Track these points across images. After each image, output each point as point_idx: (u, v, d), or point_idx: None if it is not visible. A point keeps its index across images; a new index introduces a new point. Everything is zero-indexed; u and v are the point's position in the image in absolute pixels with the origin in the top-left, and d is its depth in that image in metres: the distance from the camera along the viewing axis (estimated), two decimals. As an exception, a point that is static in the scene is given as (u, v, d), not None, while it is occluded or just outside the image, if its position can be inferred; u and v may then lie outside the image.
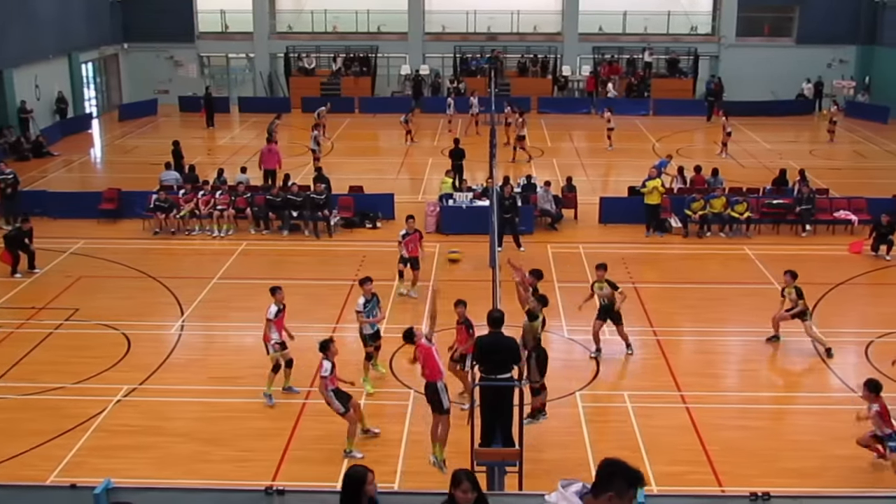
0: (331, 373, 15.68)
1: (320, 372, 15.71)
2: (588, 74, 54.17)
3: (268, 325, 17.79)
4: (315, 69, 55.07)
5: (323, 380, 15.64)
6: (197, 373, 19.00)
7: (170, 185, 31.17)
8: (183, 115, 51.65)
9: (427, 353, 14.99)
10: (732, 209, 28.59)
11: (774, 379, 19.17)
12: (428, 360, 14.99)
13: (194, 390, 18.21)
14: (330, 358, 15.78)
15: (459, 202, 29.22)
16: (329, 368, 15.65)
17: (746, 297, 23.18)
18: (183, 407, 17.62)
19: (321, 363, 15.80)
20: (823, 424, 16.94)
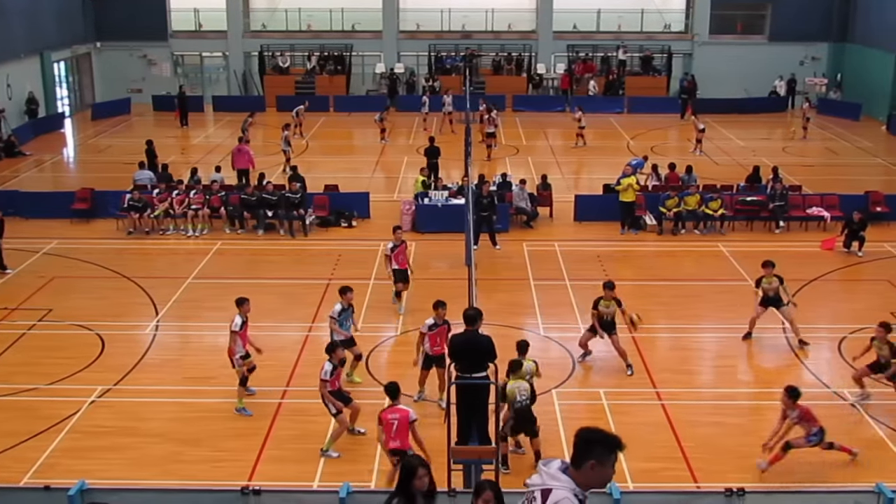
0: (331, 375, 15.65)
1: (320, 374, 15.65)
2: (563, 72, 54.24)
3: (232, 338, 17.31)
4: (289, 68, 54.90)
5: (323, 382, 15.60)
6: (172, 373, 18.92)
7: (144, 184, 30.99)
8: (156, 114, 51.38)
9: (404, 418, 14.00)
10: (707, 206, 28.72)
11: (749, 375, 19.25)
12: (403, 425, 13.96)
13: (169, 391, 18.14)
14: (333, 360, 15.75)
15: (435, 200, 29.22)
16: (329, 371, 15.62)
17: (721, 294, 23.30)
18: (158, 407, 17.54)
19: (323, 364, 15.73)
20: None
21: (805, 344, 20.08)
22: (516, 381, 15.18)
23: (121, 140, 43.94)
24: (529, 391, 15.19)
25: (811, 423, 15.22)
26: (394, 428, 13.89)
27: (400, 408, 14.09)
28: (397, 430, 13.87)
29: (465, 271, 21.14)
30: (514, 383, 15.15)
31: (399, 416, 13.91)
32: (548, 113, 50.57)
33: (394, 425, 13.90)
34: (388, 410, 14.15)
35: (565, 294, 23.36)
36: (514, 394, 15.08)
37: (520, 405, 15.10)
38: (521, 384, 15.16)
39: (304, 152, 40.26)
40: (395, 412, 13.99)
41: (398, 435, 13.88)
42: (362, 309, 22.19)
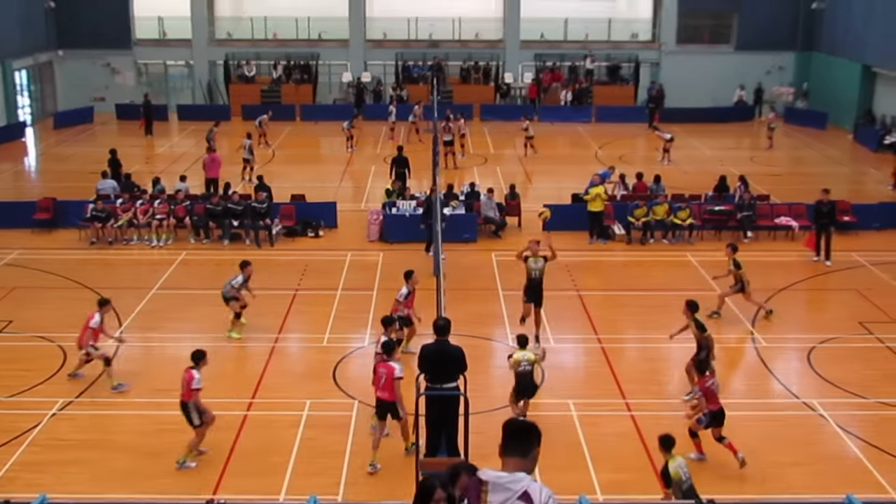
0: (201, 385, 15.73)
1: (191, 383, 15.57)
2: (530, 81, 54.37)
3: (89, 334, 18.63)
4: (255, 76, 54.68)
5: (195, 392, 15.57)
6: (135, 385, 18.72)
7: (107, 194, 30.72)
8: (120, 122, 51.01)
9: (390, 373, 15.34)
10: (675, 216, 28.82)
11: (720, 384, 19.25)
12: (388, 380, 15.34)
13: (133, 403, 17.95)
14: (201, 369, 15.83)
15: (402, 210, 29.13)
16: (200, 379, 15.66)
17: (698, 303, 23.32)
18: (121, 420, 17.35)
19: (191, 373, 15.64)
20: (767, 431, 17.10)
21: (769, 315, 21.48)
22: (522, 351, 16.34)
23: (84, 149, 43.54)
24: (533, 363, 16.43)
25: (709, 404, 15.61)
26: (382, 380, 15.35)
27: (389, 364, 15.36)
28: (384, 383, 15.32)
29: (434, 281, 21.10)
30: (521, 353, 16.30)
31: (386, 372, 15.30)
32: (516, 122, 50.32)
33: (382, 378, 15.35)
34: (380, 364, 15.53)
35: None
36: (518, 361, 16.45)
37: (523, 370, 16.39)
38: (526, 353, 16.37)
39: (271, 161, 40.10)
40: (385, 367, 15.34)
41: (385, 387, 15.33)
42: (329, 320, 22.11)
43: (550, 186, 37.03)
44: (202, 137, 40.71)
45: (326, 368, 19.36)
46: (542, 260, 20.58)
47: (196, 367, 15.77)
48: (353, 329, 21.62)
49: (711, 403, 15.64)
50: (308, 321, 22.45)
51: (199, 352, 16.02)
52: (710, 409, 15.64)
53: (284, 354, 20.66)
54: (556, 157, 41.80)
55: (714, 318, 21.98)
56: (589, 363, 20.08)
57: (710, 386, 15.73)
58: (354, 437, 16.58)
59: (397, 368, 15.28)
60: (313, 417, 17.33)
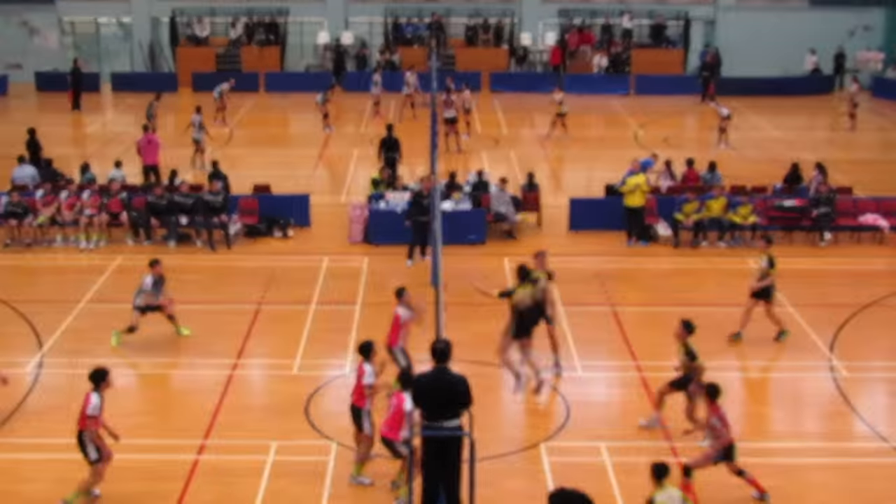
0: (101, 410, 15.82)
1: (86, 409, 15.67)
2: (553, 44, 54.41)
3: None
4: (209, 38, 54.79)
5: (91, 419, 15.70)
6: (59, 422, 18.66)
7: (24, 184, 30.80)
8: (41, 94, 51.13)
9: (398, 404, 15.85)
10: (734, 212, 28.83)
11: (787, 426, 19.29)
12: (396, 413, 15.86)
13: (56, 445, 17.95)
14: (102, 391, 15.91)
15: (392, 205, 29.15)
16: (99, 405, 15.78)
17: (750, 324, 23.34)
18: (43, 465, 17.35)
19: (88, 397, 15.78)
20: (848, 483, 17.08)
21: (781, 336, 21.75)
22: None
23: (-6, 127, 43.67)
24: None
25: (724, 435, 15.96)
26: None
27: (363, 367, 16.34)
28: None
29: (432, 293, 21.11)
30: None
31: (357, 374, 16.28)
32: (534, 94, 50.64)
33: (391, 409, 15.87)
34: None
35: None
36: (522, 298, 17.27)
37: (526, 308, 17.18)
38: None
39: (228, 143, 40.20)
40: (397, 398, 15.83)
41: None
42: (301, 342, 22.14)
43: (578, 175, 37.12)
44: (142, 113, 40.76)
45: (297, 402, 19.36)
46: (545, 278, 20.40)
47: (96, 390, 15.82)
48: (331, 353, 21.63)
49: (728, 433, 15.92)
50: (274, 344, 22.48)
51: (99, 371, 16.09)
52: (724, 443, 15.88)
53: (244, 385, 20.69)
54: (586, 139, 41.84)
55: (736, 340, 22.02)
56: (625, 397, 20.08)
57: (724, 414, 15.97)
58: (332, 489, 16.59)
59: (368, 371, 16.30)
60: (281, 463, 17.34)
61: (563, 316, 23.47)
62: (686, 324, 18.28)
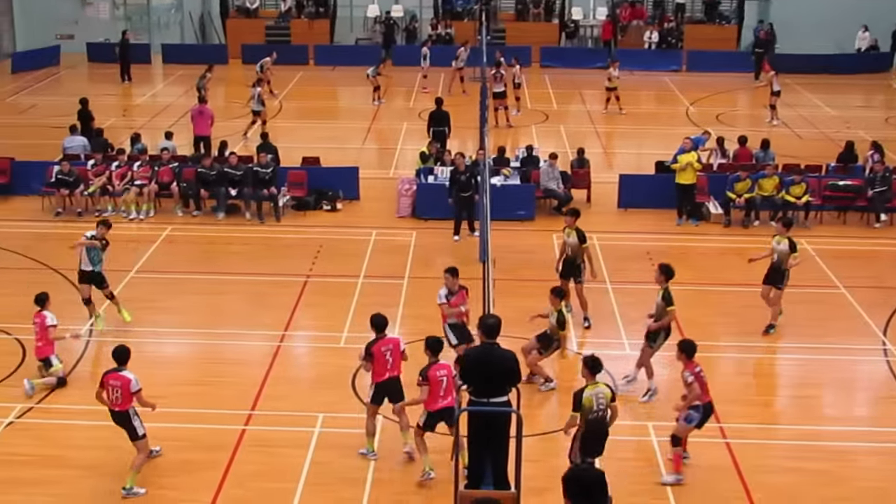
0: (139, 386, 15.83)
1: (129, 386, 15.71)
2: (604, 19, 54.15)
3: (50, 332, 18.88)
4: (258, 9, 54.86)
5: (137, 394, 15.77)
6: (108, 392, 18.89)
7: (76, 153, 30.96)
8: (92, 65, 51.36)
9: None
10: (787, 192, 28.59)
11: (838, 409, 19.14)
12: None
13: (104, 412, 18.07)
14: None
15: (441, 179, 29.12)
16: (137, 380, 15.81)
17: (803, 305, 23.16)
18: (90, 433, 17.48)
19: (125, 376, 15.82)
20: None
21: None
22: (595, 386, 15.18)
23: (47, 98, 43.96)
24: (609, 399, 15.16)
25: (703, 395, 16.09)
26: (442, 386, 15.54)
27: (445, 363, 15.66)
28: (446, 388, 15.53)
29: (479, 269, 21.08)
30: (593, 389, 15.13)
31: (447, 373, 15.56)
32: (585, 70, 50.47)
33: (442, 382, 15.52)
34: (434, 367, 15.63)
35: (606, 300, 23.29)
36: (590, 402, 15.08)
37: (595, 416, 15.09)
38: (600, 389, 15.16)
39: (277, 116, 40.24)
40: (443, 368, 15.58)
41: (448, 392, 15.54)
42: (348, 314, 22.18)
43: (629, 152, 36.95)
44: (192, 85, 40.89)
45: (343, 375, 19.41)
46: (575, 233, 21.62)
47: (125, 368, 15.95)
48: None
49: (705, 394, 16.13)
50: (321, 316, 22.56)
51: (122, 349, 16.26)
52: (703, 400, 16.08)
53: (291, 357, 20.78)
54: (637, 116, 41.61)
55: (770, 333, 21.74)
56: (673, 378, 19.98)
57: (700, 372, 16.11)
58: (377, 462, 16.65)
59: None
60: (326, 436, 17.40)
61: (615, 294, 23.44)
62: (664, 268, 18.82)
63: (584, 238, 21.54)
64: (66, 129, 32.88)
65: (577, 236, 21.52)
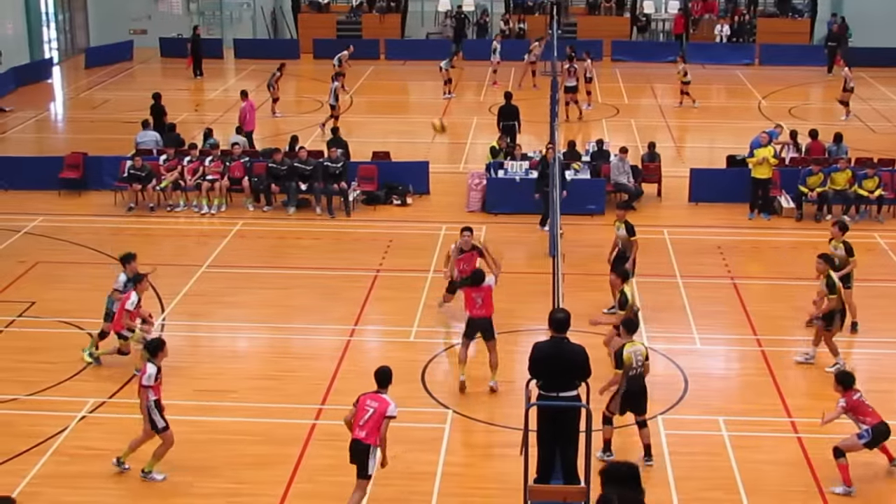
0: (155, 380, 15.82)
1: (141, 379, 15.80)
2: (676, 12, 53.85)
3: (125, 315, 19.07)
4: (330, 4, 55.08)
5: (145, 389, 15.76)
6: (180, 384, 19.00)
7: (148, 148, 31.24)
8: (164, 60, 51.80)
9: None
10: (860, 185, 28.32)
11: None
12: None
13: (177, 406, 18.22)
14: (158, 362, 15.96)
15: (511, 173, 29.12)
16: (154, 375, 15.79)
17: (877, 299, 22.94)
18: (162, 427, 17.71)
19: (144, 367, 15.88)
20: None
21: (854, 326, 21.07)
22: (633, 344, 16.13)
23: (120, 93, 44.39)
24: (644, 357, 16.17)
25: (861, 418, 15.74)
26: (365, 416, 14.81)
27: (382, 397, 14.93)
28: (368, 420, 14.79)
29: (549, 263, 21.05)
30: (632, 347, 16.06)
31: (377, 406, 14.81)
32: (656, 64, 50.20)
33: (367, 413, 14.80)
34: (368, 395, 15.02)
35: (676, 294, 23.19)
36: (630, 359, 16.03)
37: (634, 373, 16.07)
38: (637, 347, 16.21)
39: (348, 110, 40.37)
40: (376, 400, 14.89)
41: (366, 425, 14.80)
42: (418, 309, 22.24)
43: (701, 146, 36.74)
44: (264, 80, 41.17)
45: (413, 370, 19.45)
46: (624, 226, 21.96)
47: (151, 360, 16.02)
48: (447, 321, 21.72)
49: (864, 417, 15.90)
50: (391, 310, 22.61)
51: (155, 341, 16.42)
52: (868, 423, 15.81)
53: (361, 351, 20.84)
54: (709, 110, 41.31)
55: (855, 331, 21.47)
56: (745, 371, 19.87)
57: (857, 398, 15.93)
58: (447, 456, 16.68)
59: (391, 406, 14.90)
60: (396, 430, 17.43)
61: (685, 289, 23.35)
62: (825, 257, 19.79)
63: (632, 231, 21.73)
64: (138, 124, 33.06)
65: (626, 229, 21.75)
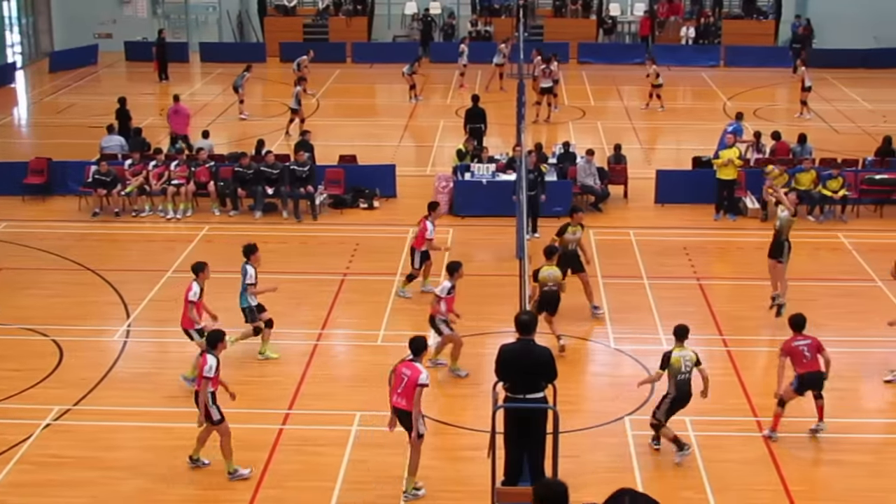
0: (215, 372, 15.85)
1: (202, 370, 15.78)
2: (642, 14, 54.02)
3: (191, 310, 18.90)
4: (296, 7, 55.02)
5: (206, 381, 15.77)
6: (146, 391, 18.97)
7: (113, 153, 31.12)
8: (130, 64, 51.63)
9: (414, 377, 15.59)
10: (824, 186, 28.46)
11: (876, 402, 19.04)
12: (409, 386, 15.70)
13: (143, 413, 18.20)
14: (217, 353, 15.97)
15: (478, 176, 29.13)
16: (214, 367, 15.80)
17: (840, 298, 23.07)
18: (128, 433, 17.61)
19: (204, 359, 15.86)
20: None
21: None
22: (682, 349, 16.33)
23: (85, 97, 44.23)
24: (693, 362, 16.43)
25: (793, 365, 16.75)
26: (402, 383, 15.31)
27: (415, 366, 15.35)
28: (405, 388, 15.27)
29: (516, 266, 21.07)
30: (680, 351, 16.28)
31: (410, 374, 15.25)
32: (622, 66, 50.37)
33: (403, 380, 15.31)
34: (403, 363, 15.65)
35: (643, 296, 23.26)
36: (679, 363, 16.35)
37: (683, 378, 16.38)
38: (686, 353, 16.47)
39: (314, 114, 40.31)
40: (409, 368, 15.34)
41: (404, 392, 15.29)
42: (385, 312, 22.22)
43: (666, 147, 36.84)
44: (230, 83, 41.07)
45: (381, 373, 19.37)
46: (581, 228, 22.32)
47: (210, 351, 16.00)
48: (415, 324, 21.68)
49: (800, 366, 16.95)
50: (359, 314, 22.60)
51: (215, 332, 16.36)
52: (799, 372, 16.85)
53: (329, 355, 20.82)
54: (675, 111, 41.47)
55: (781, 314, 21.57)
56: (711, 371, 19.78)
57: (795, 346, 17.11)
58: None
59: (423, 374, 15.27)
60: (365, 434, 17.45)
61: (652, 290, 23.40)
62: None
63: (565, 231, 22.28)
64: (103, 128, 33.01)
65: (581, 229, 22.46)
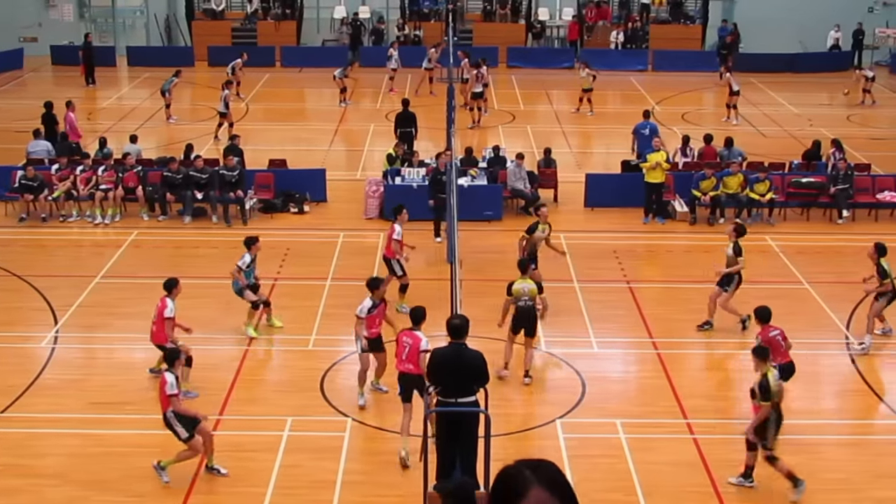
0: (178, 387, 15.80)
1: (164, 388, 15.72)
2: (570, 19, 54.28)
3: (169, 326, 18.76)
4: (224, 11, 54.74)
5: (170, 399, 15.69)
6: (74, 397, 18.80)
7: (40, 158, 30.81)
8: (56, 68, 51.09)
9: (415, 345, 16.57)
10: (751, 189, 28.72)
11: (803, 402, 19.22)
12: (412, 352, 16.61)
13: (70, 419, 18.04)
14: (176, 370, 15.92)
15: (409, 180, 29.13)
16: (174, 383, 15.71)
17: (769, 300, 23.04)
18: (56, 441, 17.45)
19: (163, 378, 15.79)
20: (863, 460, 17.11)
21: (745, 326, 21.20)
22: (772, 371, 16.23)
23: (11, 102, 43.74)
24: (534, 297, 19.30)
25: (772, 356, 16.56)
26: (405, 351, 16.40)
27: (415, 334, 16.39)
28: (408, 354, 16.35)
29: (447, 270, 21.12)
30: (772, 374, 16.15)
31: (412, 342, 16.31)
32: (552, 70, 50.58)
33: (406, 348, 16.40)
34: (404, 332, 16.71)
35: (573, 299, 23.34)
36: (519, 292, 18.98)
37: (525, 305, 18.95)
38: (526, 284, 19.13)
39: (244, 118, 40.13)
40: (410, 336, 16.42)
41: (409, 358, 16.35)
42: (316, 317, 22.16)
43: (596, 151, 37.06)
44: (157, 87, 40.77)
45: (312, 378, 19.41)
46: (549, 227, 22.87)
47: (169, 369, 15.92)
48: (346, 329, 21.61)
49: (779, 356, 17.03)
50: (290, 318, 22.46)
51: (173, 350, 16.33)
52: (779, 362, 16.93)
53: (259, 360, 20.74)
54: (604, 115, 41.72)
55: (706, 330, 21.79)
56: (641, 374, 20.08)
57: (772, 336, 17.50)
58: (347, 464, 16.63)
59: (423, 341, 16.29)
60: (296, 439, 17.39)
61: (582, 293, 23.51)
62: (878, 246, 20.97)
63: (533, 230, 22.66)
64: (30, 133, 32.71)
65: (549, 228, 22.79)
